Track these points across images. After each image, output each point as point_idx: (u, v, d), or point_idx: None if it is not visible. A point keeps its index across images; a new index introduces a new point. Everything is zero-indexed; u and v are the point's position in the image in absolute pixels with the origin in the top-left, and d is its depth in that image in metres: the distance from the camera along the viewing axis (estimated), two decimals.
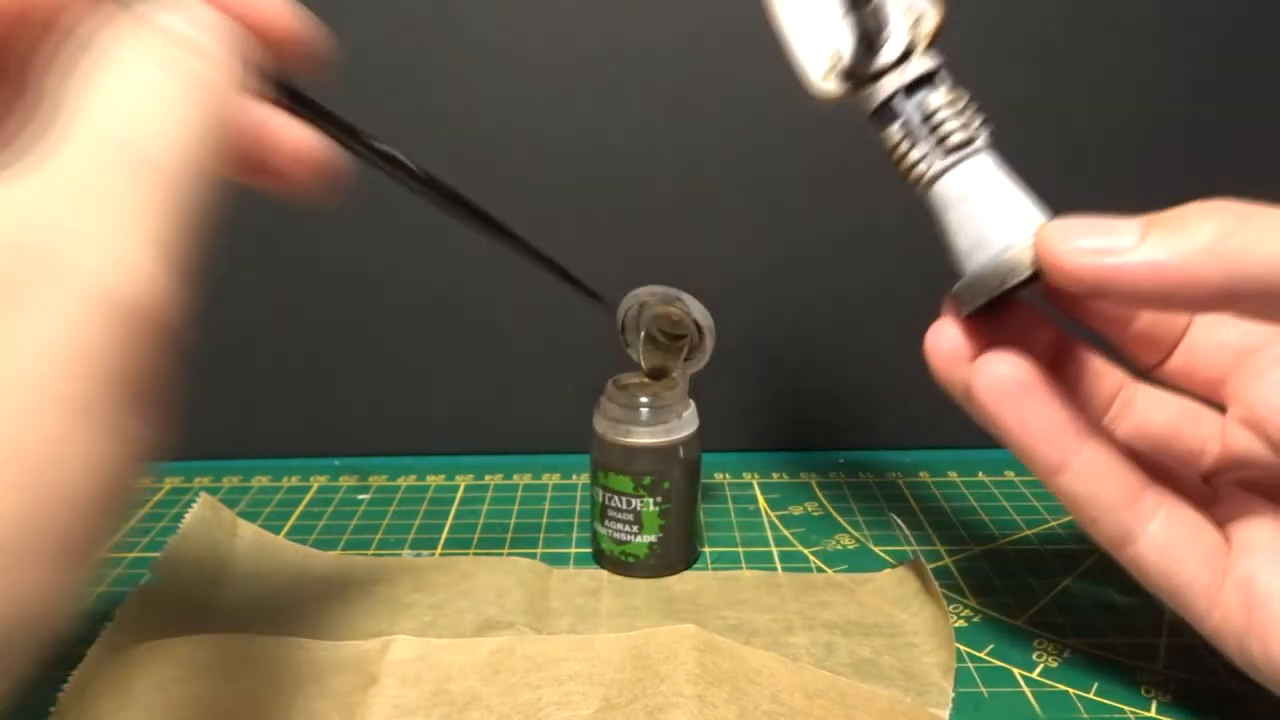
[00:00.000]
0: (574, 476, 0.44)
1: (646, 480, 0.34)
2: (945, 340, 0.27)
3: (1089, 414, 0.26)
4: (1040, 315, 0.28)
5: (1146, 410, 0.28)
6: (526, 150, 0.42)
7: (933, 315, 0.27)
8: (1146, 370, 0.29)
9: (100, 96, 0.15)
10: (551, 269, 0.30)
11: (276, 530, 0.38)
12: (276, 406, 0.46)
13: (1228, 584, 0.24)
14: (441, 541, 0.38)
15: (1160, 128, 0.43)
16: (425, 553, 0.37)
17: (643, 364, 0.37)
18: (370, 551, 0.37)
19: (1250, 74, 0.43)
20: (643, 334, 0.36)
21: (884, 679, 0.28)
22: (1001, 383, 0.25)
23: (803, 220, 0.44)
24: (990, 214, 0.25)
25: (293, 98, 0.22)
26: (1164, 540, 0.24)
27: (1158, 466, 0.26)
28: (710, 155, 0.43)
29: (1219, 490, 0.26)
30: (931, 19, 0.26)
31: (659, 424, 0.34)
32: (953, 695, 0.28)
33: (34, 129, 0.15)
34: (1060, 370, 0.28)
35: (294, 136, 0.22)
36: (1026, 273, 0.24)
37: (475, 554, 0.37)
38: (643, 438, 0.34)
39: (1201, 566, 0.24)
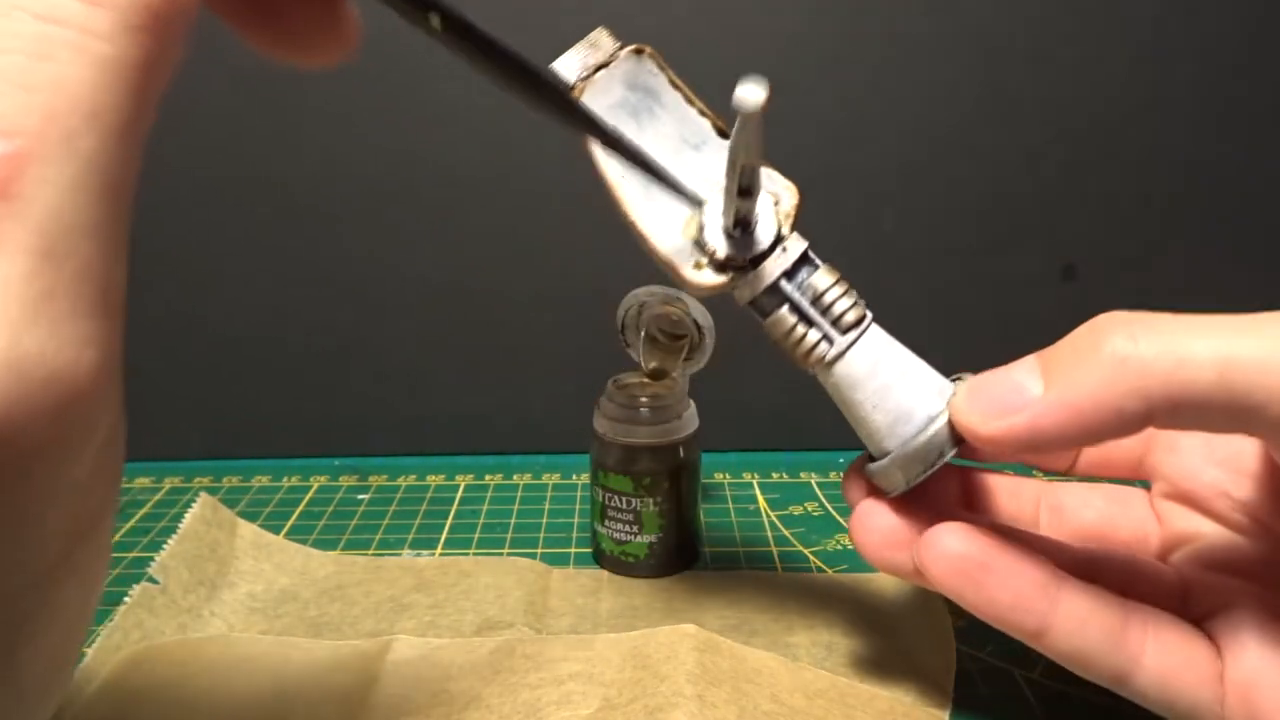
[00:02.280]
0: (574, 476, 0.44)
1: (646, 480, 0.34)
2: (879, 528, 0.25)
3: (1035, 543, 0.25)
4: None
5: (1075, 512, 0.28)
6: (526, 150, 0.42)
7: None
8: (1062, 474, 0.29)
9: None
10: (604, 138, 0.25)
11: (276, 530, 0.38)
12: (276, 406, 0.46)
13: (1229, 696, 0.23)
14: (441, 541, 0.38)
15: (1160, 128, 0.44)
16: (425, 553, 0.37)
17: (643, 364, 0.36)
18: (370, 551, 0.37)
19: (1250, 74, 0.43)
20: (643, 334, 0.36)
21: (884, 679, 0.28)
22: (957, 562, 0.24)
23: (803, 220, 0.44)
24: (903, 387, 0.24)
25: None
26: (1159, 673, 0.23)
27: (1121, 567, 0.26)
28: None
29: (1183, 574, 0.26)
30: (790, 199, 0.25)
31: (659, 424, 0.34)
32: (953, 695, 0.28)
33: None
34: (976, 506, 0.28)
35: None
36: (957, 447, 0.24)
37: (475, 554, 0.37)
38: (643, 438, 0.34)
39: (1201, 689, 0.23)
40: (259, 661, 0.28)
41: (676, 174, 0.25)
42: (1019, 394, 0.22)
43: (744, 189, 0.23)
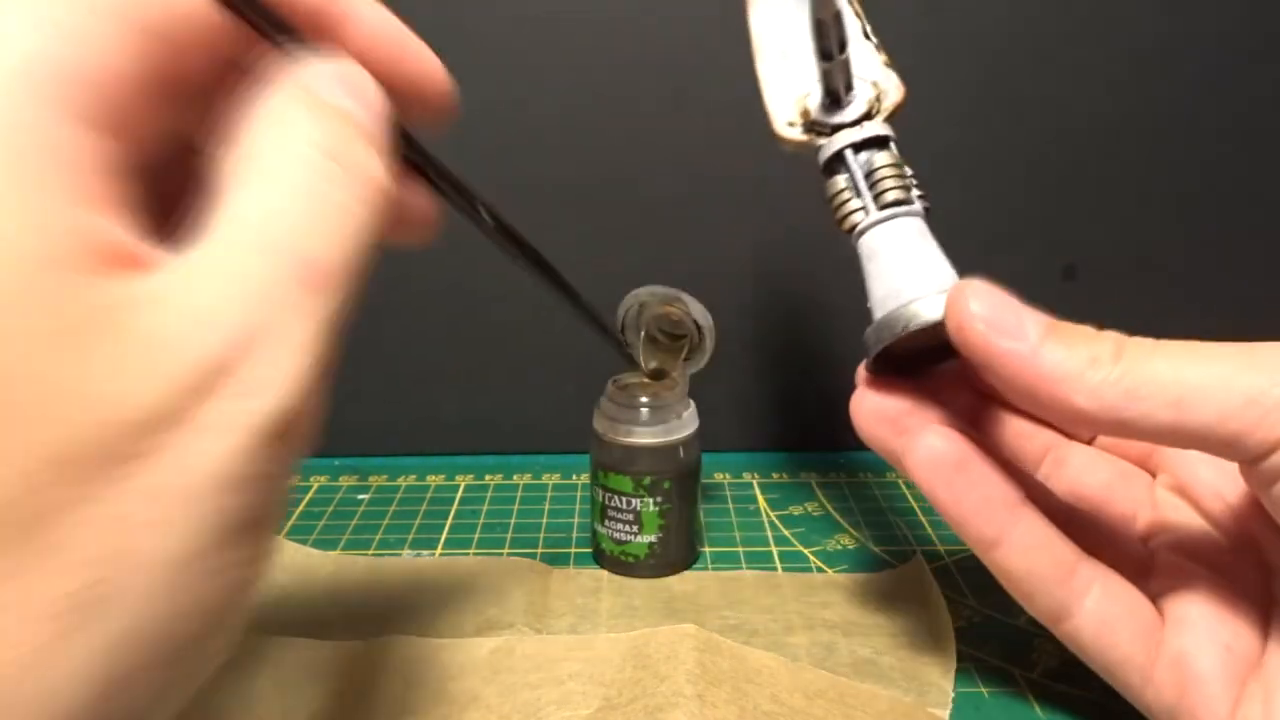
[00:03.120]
0: (574, 476, 0.44)
1: (646, 480, 0.34)
2: (867, 405, 0.27)
3: (1020, 478, 0.26)
4: (958, 380, 0.28)
5: (1080, 471, 0.28)
6: (526, 150, 0.42)
7: None
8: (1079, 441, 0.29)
9: (261, 193, 0.14)
10: (591, 322, 0.31)
11: (276, 531, 0.38)
12: None
13: (1161, 661, 0.24)
14: (441, 541, 0.38)
15: (1160, 128, 0.44)
16: (425, 553, 0.37)
17: (643, 364, 0.37)
18: (370, 551, 0.37)
19: (1250, 74, 0.43)
20: (643, 334, 0.36)
21: (884, 679, 0.28)
22: (935, 456, 0.25)
23: (803, 220, 0.44)
24: (906, 269, 0.26)
25: (422, 157, 0.21)
26: (1099, 617, 0.24)
27: (1096, 528, 0.27)
28: (710, 155, 0.43)
29: (1155, 554, 0.26)
30: (894, 96, 0.28)
31: (659, 424, 0.34)
32: (953, 695, 0.28)
33: (201, 209, 0.14)
34: (982, 431, 0.29)
35: (419, 199, 0.21)
36: (925, 321, 0.24)
37: (475, 554, 0.37)
38: (643, 438, 0.34)
39: (1136, 643, 0.24)
40: (259, 661, 0.28)
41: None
42: (1020, 322, 0.22)
43: (824, 51, 0.26)
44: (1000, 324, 0.22)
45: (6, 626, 0.11)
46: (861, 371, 0.28)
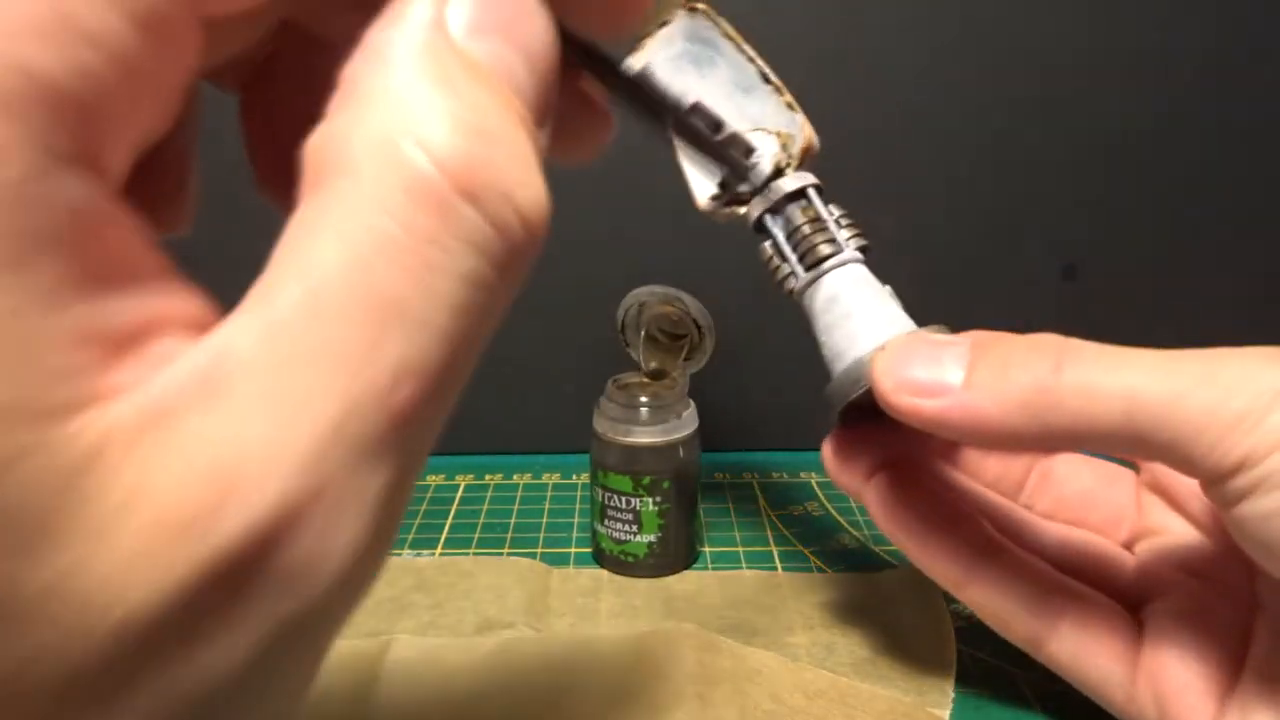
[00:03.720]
0: (574, 476, 0.44)
1: (646, 480, 0.34)
2: (830, 452, 0.28)
3: (1002, 495, 0.27)
4: None
5: (1062, 481, 0.28)
6: None
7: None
8: None
9: (349, 249, 0.10)
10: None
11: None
12: None
13: (1140, 677, 0.24)
14: (441, 541, 0.38)
15: (1160, 128, 0.44)
16: (425, 553, 0.37)
17: (643, 364, 0.36)
18: None
19: (1251, 74, 0.43)
20: (643, 334, 0.36)
21: (884, 679, 0.28)
22: (892, 509, 0.26)
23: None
24: (846, 327, 0.26)
25: (589, 55, 0.16)
26: (1075, 641, 0.24)
27: (1077, 546, 0.27)
28: None
29: (1139, 562, 0.27)
30: (799, 141, 0.27)
31: (659, 424, 0.34)
32: (953, 695, 0.28)
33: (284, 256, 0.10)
34: (963, 461, 0.29)
35: (595, 106, 0.17)
36: (866, 386, 0.24)
37: (475, 554, 0.37)
38: (642, 438, 0.34)
39: (1114, 662, 0.24)
40: None
41: (730, 114, 0.27)
42: (938, 378, 0.22)
43: (698, 141, 0.26)
44: (918, 385, 0.22)
45: None
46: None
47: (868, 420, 0.27)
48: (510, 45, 0.12)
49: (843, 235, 0.27)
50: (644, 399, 0.34)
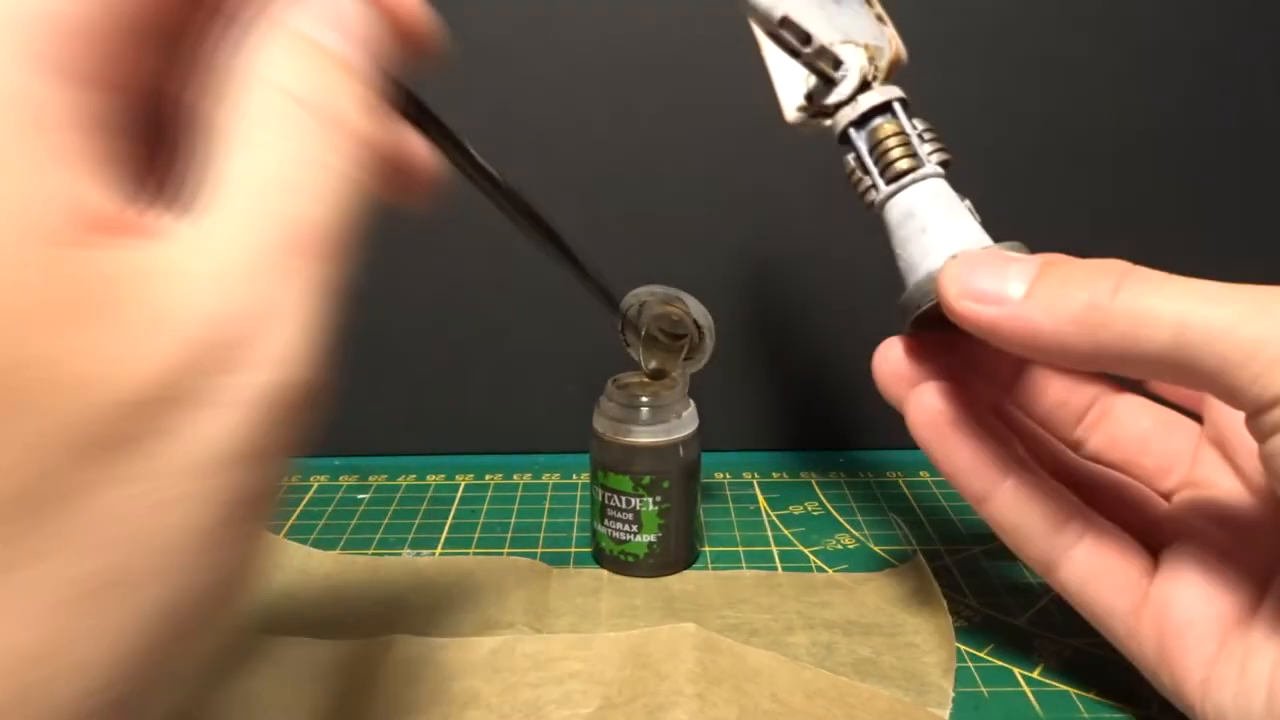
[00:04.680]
0: (574, 476, 0.44)
1: (646, 480, 0.34)
2: (888, 360, 0.28)
3: (1060, 423, 0.27)
4: None
5: (1121, 420, 0.28)
6: (527, 150, 0.42)
7: None
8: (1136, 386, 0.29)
9: (248, 154, 0.14)
10: (596, 289, 0.31)
11: (276, 530, 0.38)
12: None
13: (1146, 612, 0.24)
14: (441, 541, 0.38)
15: (1160, 128, 0.44)
16: (425, 553, 0.37)
17: (643, 364, 0.37)
18: (370, 551, 0.37)
19: (1251, 74, 0.43)
20: (643, 334, 0.36)
21: (884, 679, 0.28)
22: (930, 416, 0.26)
23: (803, 220, 0.44)
24: (922, 240, 0.26)
25: (416, 106, 0.19)
26: (1085, 568, 0.25)
27: (1108, 483, 0.27)
28: (711, 155, 0.43)
29: (1173, 510, 0.26)
30: (887, 54, 0.28)
31: (659, 424, 0.34)
32: (953, 695, 0.28)
33: (187, 167, 0.14)
34: (1026, 381, 0.28)
35: (418, 152, 0.20)
36: (934, 300, 0.25)
37: (475, 554, 0.37)
38: (642, 437, 0.34)
39: (1121, 595, 0.24)
40: (258, 661, 0.28)
41: (820, 25, 0.27)
42: (1000, 289, 0.22)
43: (791, 51, 0.27)
44: (980, 293, 0.22)
45: (20, 615, 0.11)
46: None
47: (945, 330, 0.27)
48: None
49: (925, 150, 0.27)
50: (644, 399, 0.34)
